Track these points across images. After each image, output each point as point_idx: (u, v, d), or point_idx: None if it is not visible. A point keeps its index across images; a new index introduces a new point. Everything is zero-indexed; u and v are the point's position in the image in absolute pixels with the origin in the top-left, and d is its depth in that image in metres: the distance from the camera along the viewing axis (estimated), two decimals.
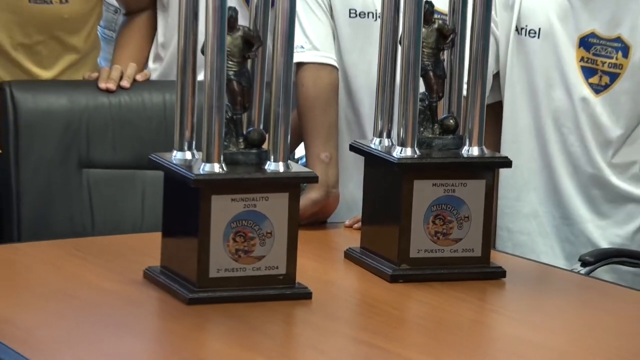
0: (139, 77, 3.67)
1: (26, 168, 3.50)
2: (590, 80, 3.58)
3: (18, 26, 3.76)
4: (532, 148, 3.72)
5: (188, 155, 2.90)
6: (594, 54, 3.57)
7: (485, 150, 3.14)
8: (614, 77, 3.58)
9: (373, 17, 3.50)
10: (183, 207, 2.90)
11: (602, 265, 3.51)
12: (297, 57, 3.46)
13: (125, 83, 3.62)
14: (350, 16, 3.66)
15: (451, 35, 3.09)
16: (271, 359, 2.62)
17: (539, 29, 3.59)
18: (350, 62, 3.71)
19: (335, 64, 3.64)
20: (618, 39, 3.57)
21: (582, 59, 3.59)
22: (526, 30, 3.66)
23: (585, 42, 3.58)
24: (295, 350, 2.75)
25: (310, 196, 3.43)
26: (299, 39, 3.52)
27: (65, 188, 3.54)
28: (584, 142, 3.68)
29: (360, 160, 3.27)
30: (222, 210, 2.80)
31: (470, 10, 3.11)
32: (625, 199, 3.73)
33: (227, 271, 2.81)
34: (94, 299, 2.88)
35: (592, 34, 3.57)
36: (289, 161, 2.94)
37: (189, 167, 2.84)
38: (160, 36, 3.88)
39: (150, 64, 3.84)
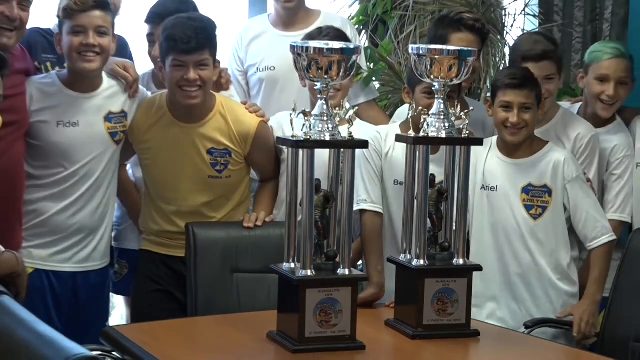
0: (267, 219, 3.66)
1: (201, 272, 3.50)
2: (531, 212, 3.54)
3: (202, 190, 3.68)
4: (492, 259, 3.58)
5: (292, 265, 2.97)
6: (531, 196, 3.52)
7: (467, 261, 3.16)
8: (544, 209, 3.53)
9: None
10: (290, 296, 2.94)
11: (537, 328, 3.46)
12: (362, 206, 3.46)
13: (259, 223, 3.62)
14: (394, 184, 3.57)
15: (445, 194, 3.14)
16: None
17: (497, 185, 3.53)
18: (394, 211, 3.60)
19: (382, 212, 3.55)
20: (545, 186, 3.51)
21: (524, 200, 3.53)
22: (489, 186, 3.56)
23: (531, 190, 3.52)
24: None
25: (370, 290, 3.38)
26: (363, 194, 3.46)
27: (223, 284, 3.52)
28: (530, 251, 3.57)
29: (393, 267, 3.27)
30: (312, 298, 2.88)
31: (457, 179, 3.14)
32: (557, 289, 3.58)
33: (315, 333, 2.89)
34: (239, 348, 2.96)
35: (530, 185, 3.52)
36: (352, 268, 3.02)
37: (293, 272, 2.93)
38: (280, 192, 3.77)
39: (274, 211, 3.76)
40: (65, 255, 3.60)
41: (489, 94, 3.78)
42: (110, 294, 4.08)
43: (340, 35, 3.63)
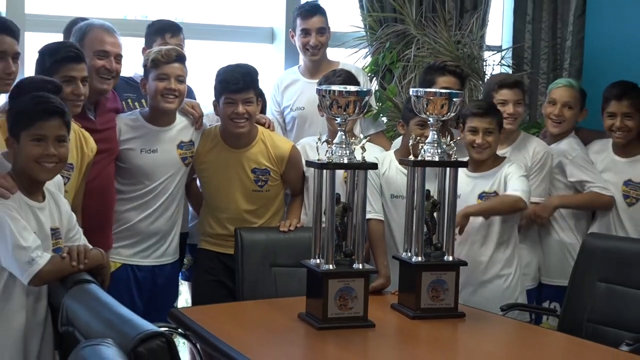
0: (298, 225, 3.64)
1: (246, 266, 3.49)
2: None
3: (247, 201, 3.64)
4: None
5: (318, 260, 2.96)
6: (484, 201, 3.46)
7: (455, 258, 3.14)
8: None
9: (402, 198, 3.37)
10: (316, 285, 2.93)
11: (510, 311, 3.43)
12: (368, 216, 3.35)
13: (292, 228, 3.60)
14: (391, 197, 3.57)
15: (438, 205, 3.13)
16: (356, 354, 2.76)
17: (460, 194, 3.30)
18: (391, 218, 3.59)
19: (383, 219, 3.52)
20: (496, 193, 3.46)
21: (480, 200, 3.46)
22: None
23: (482, 197, 3.49)
24: (367, 350, 2.86)
25: (379, 280, 3.33)
26: (368, 207, 3.26)
27: (263, 275, 3.51)
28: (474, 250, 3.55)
29: (397, 263, 3.25)
30: (333, 286, 2.88)
31: (447, 193, 3.13)
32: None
33: (336, 314, 2.89)
34: (275, 326, 2.96)
35: (483, 192, 3.48)
36: (364, 263, 3.02)
37: (318, 266, 2.93)
38: (306, 203, 3.76)
39: (303, 217, 3.73)
40: (145, 253, 3.60)
41: None
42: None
43: (350, 76, 3.61)
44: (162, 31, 3.89)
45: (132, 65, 3.84)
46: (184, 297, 4.51)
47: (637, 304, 3.28)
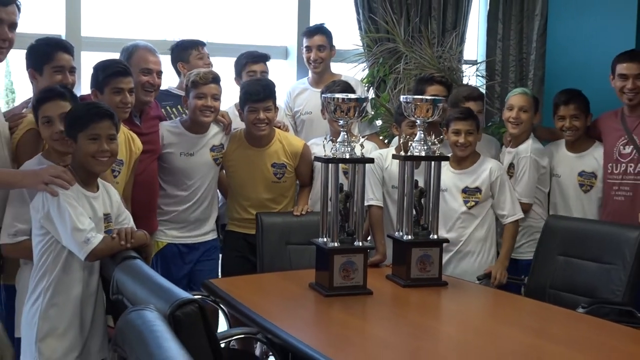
0: (307, 210, 3.61)
1: (266, 244, 3.47)
2: (468, 204, 3.45)
3: (267, 191, 3.63)
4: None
5: (325, 239, 2.96)
6: (470, 194, 3.46)
7: (439, 236, 3.13)
8: (477, 202, 3.45)
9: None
10: (323, 260, 2.93)
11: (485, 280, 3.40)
12: (370, 202, 3.40)
13: (304, 212, 3.58)
14: (392, 187, 3.49)
15: (424, 193, 3.11)
16: (357, 317, 2.73)
17: (447, 188, 3.43)
18: (392, 204, 3.51)
19: (382, 206, 3.50)
20: (477, 188, 3.44)
21: (463, 197, 3.45)
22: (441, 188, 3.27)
23: (467, 191, 3.45)
24: (366, 313, 2.82)
25: (377, 256, 3.32)
26: (371, 194, 3.40)
27: (280, 252, 3.49)
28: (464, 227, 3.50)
29: (391, 240, 3.23)
30: (338, 260, 2.88)
31: (432, 183, 3.12)
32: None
33: (340, 284, 2.89)
34: (290, 294, 2.96)
35: (467, 187, 3.44)
36: (364, 241, 3.01)
37: (325, 244, 2.93)
38: (313, 191, 3.73)
39: (310, 203, 3.69)
40: (188, 234, 3.62)
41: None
42: None
43: (348, 86, 3.64)
44: (194, 45, 3.88)
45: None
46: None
47: (590, 273, 3.26)
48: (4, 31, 2.70)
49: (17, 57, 3.29)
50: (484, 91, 4.50)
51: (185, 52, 3.87)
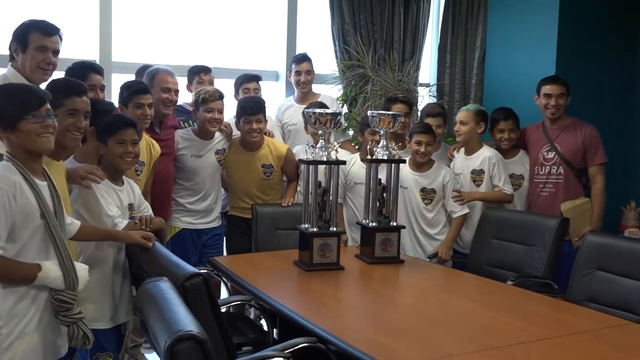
0: (293, 202, 3.54)
1: (259, 229, 3.39)
2: (425, 202, 3.44)
3: (258, 186, 3.57)
4: (406, 224, 3.38)
5: (306, 225, 2.93)
6: (426, 194, 3.43)
7: (397, 224, 3.09)
8: (432, 200, 3.42)
9: (362, 184, 3.33)
10: (305, 242, 2.90)
11: (434, 259, 3.37)
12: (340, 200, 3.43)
13: (290, 203, 3.52)
14: (354, 184, 3.54)
15: (386, 188, 3.08)
16: (331, 287, 2.70)
17: (407, 187, 3.43)
18: (355, 198, 3.56)
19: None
20: (432, 189, 3.41)
21: (421, 195, 3.43)
22: (403, 187, 3.40)
23: (424, 190, 3.43)
24: (339, 284, 2.78)
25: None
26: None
27: (270, 235, 3.44)
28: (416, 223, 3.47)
29: (359, 227, 3.18)
30: (317, 242, 2.87)
31: (392, 181, 3.08)
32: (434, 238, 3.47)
33: (318, 261, 2.88)
34: (278, 269, 2.91)
35: (424, 187, 3.42)
36: (337, 227, 2.98)
37: (306, 229, 2.91)
38: (299, 187, 3.59)
39: (297, 196, 3.61)
40: (199, 220, 3.58)
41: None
42: None
43: (322, 105, 3.62)
44: (198, 72, 3.87)
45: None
46: None
47: (518, 253, 3.25)
48: (49, 57, 2.66)
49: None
50: None
51: (192, 77, 3.88)
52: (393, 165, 3.10)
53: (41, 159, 2.04)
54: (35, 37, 2.60)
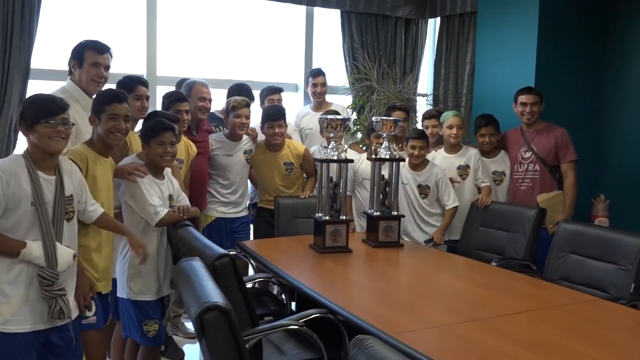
0: (310, 194, 3.49)
1: (281, 218, 3.36)
2: (421, 196, 3.38)
3: (281, 181, 3.53)
4: (407, 214, 3.34)
5: (320, 214, 2.91)
6: (422, 189, 3.37)
7: (398, 213, 3.04)
8: (426, 195, 3.36)
9: (368, 180, 3.27)
10: (319, 228, 2.87)
11: (430, 243, 3.30)
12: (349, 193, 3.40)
13: (307, 196, 3.47)
14: (362, 180, 3.46)
15: (388, 182, 3.05)
16: (341, 267, 2.66)
17: (407, 183, 3.37)
18: (362, 191, 3.49)
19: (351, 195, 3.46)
20: (427, 185, 3.36)
21: (419, 190, 3.37)
22: (404, 183, 3.36)
23: (420, 187, 3.37)
24: (348, 264, 2.74)
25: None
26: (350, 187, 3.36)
27: (290, 223, 3.40)
28: (415, 213, 3.41)
29: (365, 216, 3.13)
30: (329, 229, 2.86)
31: (393, 177, 3.06)
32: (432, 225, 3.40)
33: (330, 244, 2.86)
34: (296, 250, 2.90)
35: (420, 184, 3.38)
36: (347, 216, 2.96)
37: (320, 217, 2.89)
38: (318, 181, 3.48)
39: (315, 190, 3.51)
40: (231, 210, 3.55)
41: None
42: None
43: (335, 112, 3.54)
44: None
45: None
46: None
47: (501, 239, 3.23)
48: (101, 71, 2.68)
49: None
50: None
51: (231, 94, 3.74)
52: (394, 163, 3.08)
53: (54, 157, 2.02)
54: (90, 54, 2.63)
